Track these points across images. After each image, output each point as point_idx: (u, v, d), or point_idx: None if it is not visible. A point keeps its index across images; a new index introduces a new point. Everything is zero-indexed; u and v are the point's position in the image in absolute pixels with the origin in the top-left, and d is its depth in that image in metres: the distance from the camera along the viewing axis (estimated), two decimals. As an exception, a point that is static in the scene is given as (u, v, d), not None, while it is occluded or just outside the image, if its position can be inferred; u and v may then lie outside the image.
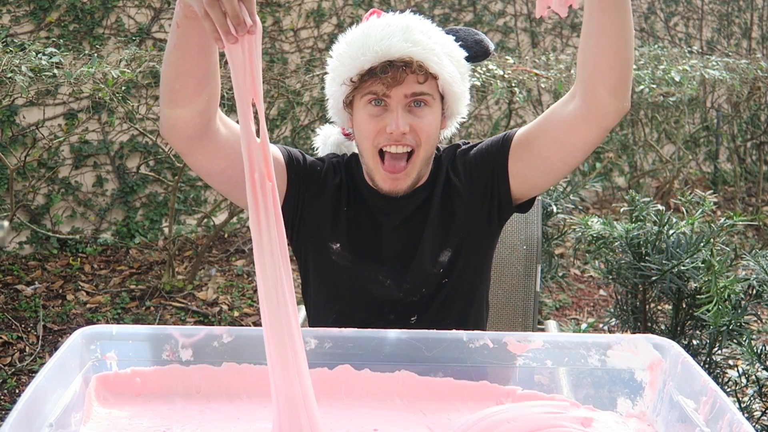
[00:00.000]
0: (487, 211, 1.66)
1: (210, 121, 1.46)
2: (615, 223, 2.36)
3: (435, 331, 1.35)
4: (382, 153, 1.57)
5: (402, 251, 1.66)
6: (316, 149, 1.82)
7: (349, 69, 1.53)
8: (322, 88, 3.99)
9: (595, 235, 2.38)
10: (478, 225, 1.67)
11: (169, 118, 1.44)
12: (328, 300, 1.68)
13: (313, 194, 1.65)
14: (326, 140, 1.80)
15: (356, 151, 1.73)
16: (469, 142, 1.73)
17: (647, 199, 2.40)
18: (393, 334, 1.35)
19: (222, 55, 1.23)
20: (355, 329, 1.35)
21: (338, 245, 1.65)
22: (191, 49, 1.33)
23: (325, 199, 1.65)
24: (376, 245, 1.66)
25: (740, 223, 2.22)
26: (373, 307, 1.65)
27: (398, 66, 1.49)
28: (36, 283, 3.90)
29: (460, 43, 1.59)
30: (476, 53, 1.62)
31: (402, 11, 1.59)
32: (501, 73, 3.45)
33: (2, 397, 3.06)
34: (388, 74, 1.49)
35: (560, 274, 3.04)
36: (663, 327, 2.43)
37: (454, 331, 1.34)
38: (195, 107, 1.41)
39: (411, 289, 1.66)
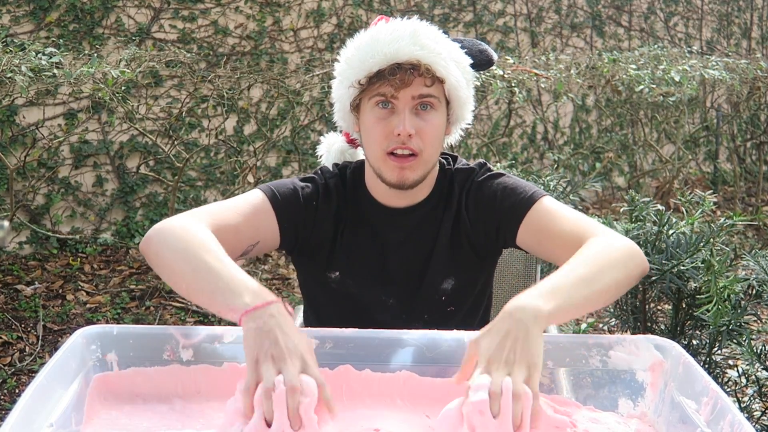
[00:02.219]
0: (491, 247, 1.67)
1: None
2: (615, 223, 2.36)
3: (436, 331, 1.35)
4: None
5: (408, 270, 1.66)
6: (320, 157, 1.82)
7: (357, 72, 1.55)
8: (322, 87, 4.01)
9: (595, 235, 2.37)
10: (481, 258, 1.68)
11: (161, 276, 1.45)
12: (328, 321, 1.68)
13: (309, 227, 1.65)
14: (330, 148, 1.80)
15: (361, 157, 1.73)
16: (486, 165, 1.71)
17: (647, 199, 2.40)
18: (394, 334, 1.35)
19: None
20: (356, 329, 1.35)
21: (337, 273, 1.66)
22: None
23: (322, 230, 1.65)
24: (379, 265, 1.66)
25: (740, 223, 2.22)
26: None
27: (406, 68, 1.50)
28: (36, 283, 3.90)
29: (464, 51, 1.61)
30: (480, 61, 1.64)
31: (402, 12, 1.60)
32: (501, 73, 3.45)
33: (2, 397, 3.06)
34: (396, 76, 1.50)
35: (560, 274, 3.03)
36: (663, 327, 2.43)
37: (455, 331, 1.34)
38: None
39: (415, 314, 1.66)
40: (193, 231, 1.41)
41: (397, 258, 1.66)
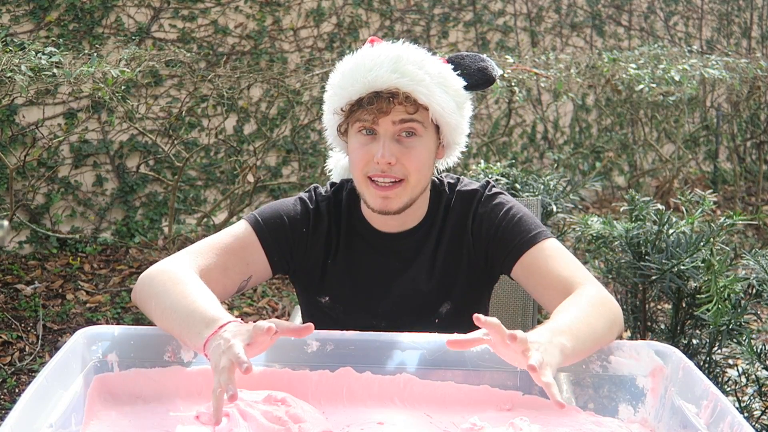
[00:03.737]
0: (489, 273, 1.67)
1: None
2: (615, 222, 2.36)
3: (436, 334, 1.35)
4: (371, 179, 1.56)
5: (403, 295, 1.65)
6: (329, 171, 1.81)
7: (339, 99, 1.54)
8: (322, 87, 3.99)
9: (594, 235, 2.38)
10: (480, 282, 1.68)
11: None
12: None
13: (300, 254, 1.64)
14: (337, 163, 1.79)
15: None
16: (490, 184, 1.68)
17: (647, 198, 2.40)
18: (395, 337, 1.35)
19: None
20: (357, 332, 1.35)
21: (327, 298, 1.66)
22: None
23: (313, 255, 1.64)
24: (371, 291, 1.65)
25: (740, 222, 2.22)
26: None
27: (385, 97, 1.48)
28: (36, 282, 3.89)
29: (459, 71, 1.57)
30: (478, 81, 1.59)
31: (402, 11, 1.59)
32: (501, 72, 3.45)
33: (2, 397, 3.06)
34: (374, 105, 1.49)
35: (560, 274, 3.03)
36: (663, 326, 2.43)
37: (455, 334, 1.34)
38: None
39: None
40: (170, 274, 1.43)
41: (391, 283, 1.65)
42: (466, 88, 1.57)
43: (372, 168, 1.53)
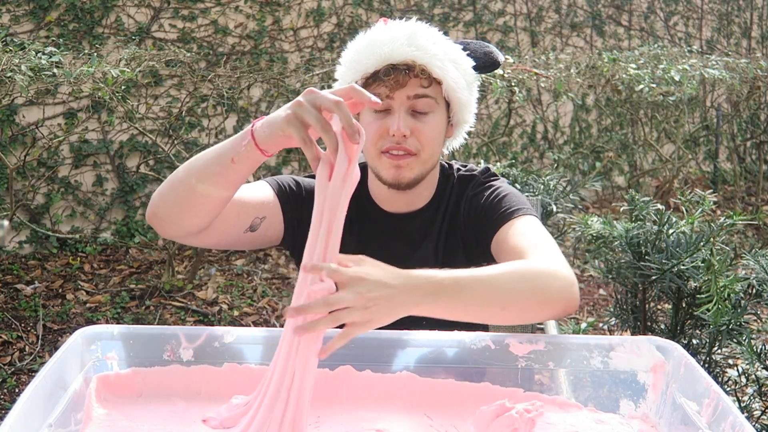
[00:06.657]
0: (481, 254, 1.64)
1: (212, 222, 1.48)
2: (615, 222, 2.36)
3: (437, 332, 1.35)
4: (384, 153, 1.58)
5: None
6: None
7: (354, 73, 1.56)
8: (322, 87, 3.99)
9: (594, 235, 2.38)
10: (480, 262, 1.65)
11: (168, 222, 1.46)
12: None
13: (309, 219, 1.65)
14: None
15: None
16: (489, 170, 1.70)
17: (647, 198, 2.40)
18: (395, 335, 1.35)
19: None
20: (356, 330, 1.34)
21: None
22: (231, 186, 1.40)
23: None
24: None
25: (740, 222, 2.22)
26: None
27: (401, 69, 1.51)
28: (36, 282, 3.89)
29: (467, 53, 1.61)
30: (485, 63, 1.63)
31: (402, 11, 1.60)
32: (501, 72, 3.45)
33: (2, 397, 3.06)
34: (391, 77, 1.51)
35: (560, 274, 3.03)
36: (663, 326, 2.43)
37: (455, 332, 1.34)
38: (204, 224, 1.46)
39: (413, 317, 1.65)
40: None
41: (395, 264, 1.65)
42: (474, 68, 1.61)
43: (386, 141, 1.55)
